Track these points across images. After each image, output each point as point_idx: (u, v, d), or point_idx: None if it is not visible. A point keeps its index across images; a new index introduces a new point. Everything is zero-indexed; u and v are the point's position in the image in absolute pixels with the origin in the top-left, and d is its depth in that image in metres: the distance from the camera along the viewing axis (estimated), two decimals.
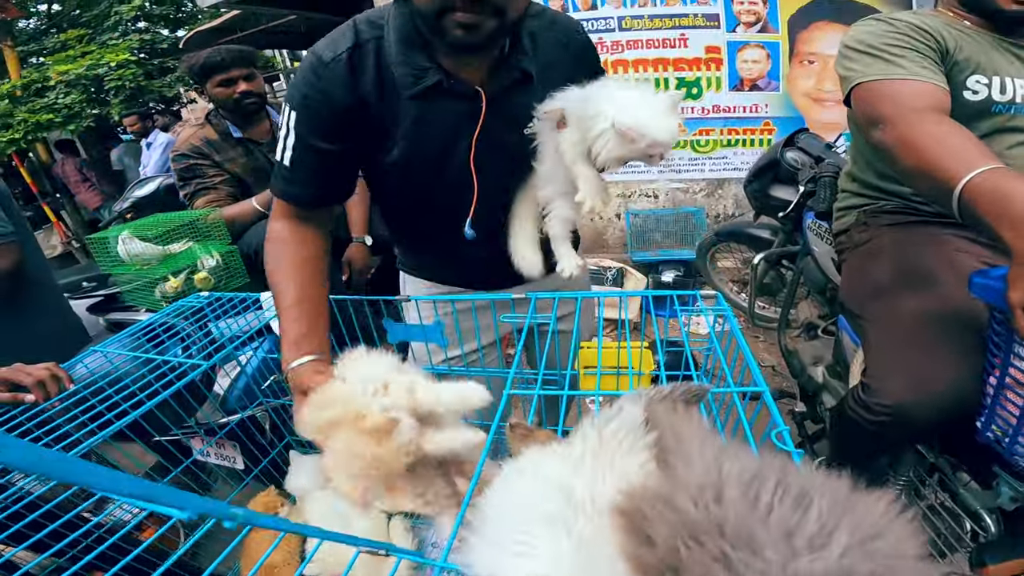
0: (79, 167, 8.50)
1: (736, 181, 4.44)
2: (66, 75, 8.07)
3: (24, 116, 7.84)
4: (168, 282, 2.05)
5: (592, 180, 1.10)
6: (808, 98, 4.23)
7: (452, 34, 0.98)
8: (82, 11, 10.42)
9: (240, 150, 2.46)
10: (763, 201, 2.90)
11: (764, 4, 4.07)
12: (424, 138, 1.16)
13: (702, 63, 4.24)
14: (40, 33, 10.97)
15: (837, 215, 1.89)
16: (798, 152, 2.63)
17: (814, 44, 4.11)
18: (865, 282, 1.64)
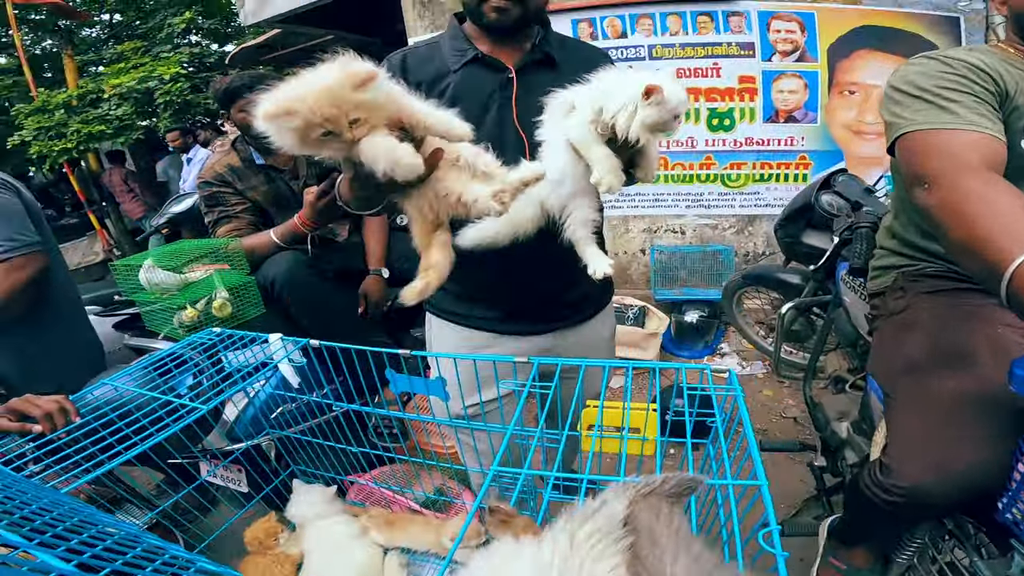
0: (125, 177, 8.79)
1: (768, 218, 4.28)
2: (119, 88, 8.31)
3: (77, 127, 8.09)
4: (185, 311, 2.06)
5: (608, 158, 1.17)
6: (848, 131, 4.05)
7: (488, 16, 1.36)
8: (141, 22, 10.78)
9: (262, 177, 2.47)
10: (794, 248, 2.76)
11: (803, 32, 3.92)
12: (466, 100, 1.38)
13: (735, 93, 4.11)
14: (100, 43, 11.38)
15: (873, 274, 1.77)
16: (834, 196, 2.48)
17: (856, 73, 3.94)
18: (896, 356, 1.52)
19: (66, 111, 8.22)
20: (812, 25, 3.89)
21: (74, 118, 8.14)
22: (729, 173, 4.29)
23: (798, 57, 3.97)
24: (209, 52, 9.98)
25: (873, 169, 3.93)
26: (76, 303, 2.31)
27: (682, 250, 4.36)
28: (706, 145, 4.25)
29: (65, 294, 2.25)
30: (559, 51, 1.46)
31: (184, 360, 1.40)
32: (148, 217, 8.42)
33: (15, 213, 2.04)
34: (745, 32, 3.98)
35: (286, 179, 2.50)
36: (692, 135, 4.24)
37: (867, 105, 3.95)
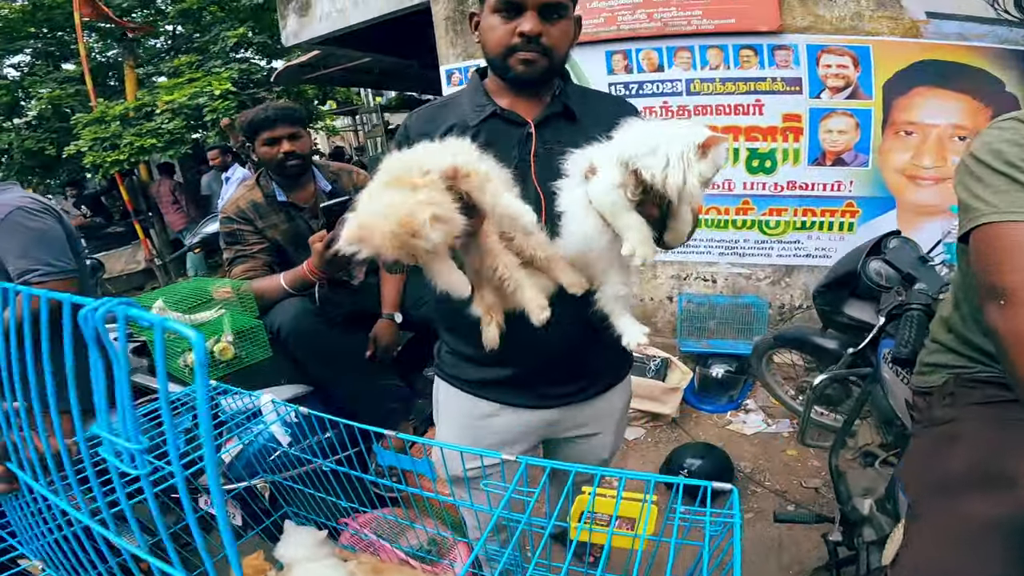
0: (173, 189, 9.01)
1: (807, 269, 3.99)
2: (171, 103, 8.50)
3: (130, 139, 8.30)
4: (189, 354, 2.10)
5: (641, 227, 1.12)
6: (902, 175, 3.73)
7: (515, 69, 1.37)
8: (199, 35, 11.11)
9: (283, 216, 2.49)
10: (832, 318, 2.56)
11: (856, 67, 3.62)
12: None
13: (778, 132, 3.83)
14: (163, 53, 11.76)
15: (921, 369, 1.56)
16: (883, 265, 2.26)
17: (913, 112, 3.62)
18: (931, 471, 1.32)
19: (121, 123, 8.43)
20: (867, 59, 3.60)
21: (128, 130, 8.36)
22: (768, 219, 4.01)
23: (850, 94, 3.68)
24: (257, 68, 10.16)
25: (928, 220, 3.71)
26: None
27: (712, 300, 4.12)
28: (744, 188, 3.99)
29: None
30: (579, 104, 1.46)
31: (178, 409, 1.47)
32: (189, 229, 8.58)
33: (56, 239, 2.18)
34: (792, 67, 3.71)
35: (306, 217, 2.52)
36: (730, 177, 3.98)
37: (925, 147, 3.63)
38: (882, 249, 2.34)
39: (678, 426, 3.66)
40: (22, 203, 2.17)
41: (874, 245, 2.36)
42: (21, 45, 10.70)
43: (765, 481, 3.13)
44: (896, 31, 3.52)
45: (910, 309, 1.90)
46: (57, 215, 2.26)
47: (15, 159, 9.69)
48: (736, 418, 3.71)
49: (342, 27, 5.40)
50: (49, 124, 9.74)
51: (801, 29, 3.63)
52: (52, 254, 2.14)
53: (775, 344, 3.47)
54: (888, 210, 3.79)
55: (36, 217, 2.18)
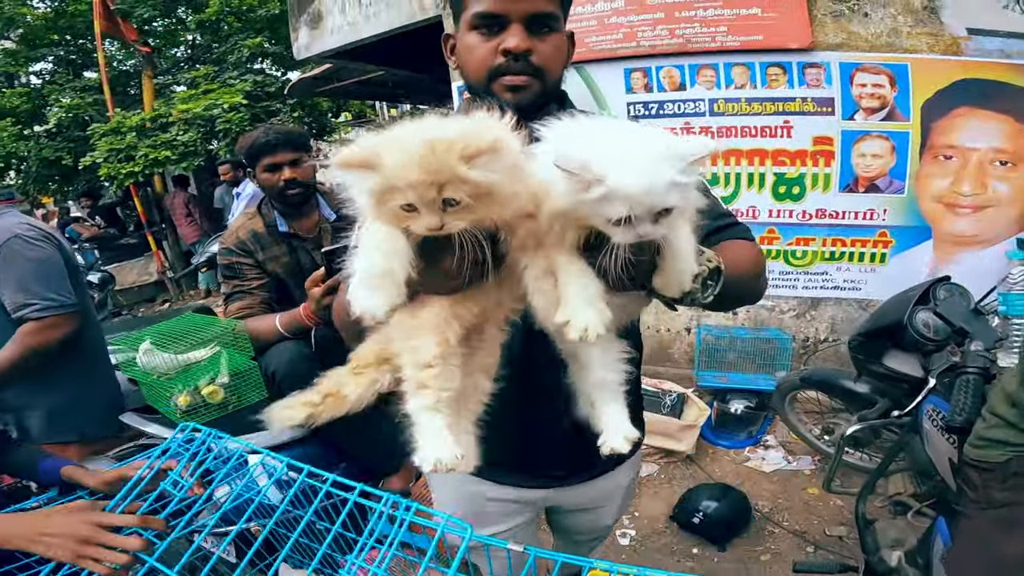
0: (187, 201, 9.01)
1: (834, 302, 3.79)
2: (186, 114, 8.49)
3: (145, 151, 8.30)
4: (180, 396, 2.10)
5: (582, 281, 0.87)
6: (939, 203, 3.51)
7: (502, 97, 1.15)
8: (218, 45, 11.18)
9: (284, 247, 2.42)
10: (872, 369, 2.35)
11: (893, 87, 3.42)
12: None
13: (808, 156, 3.62)
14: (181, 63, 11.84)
15: (978, 443, 1.48)
16: (933, 317, 2.06)
17: (953, 135, 3.41)
18: (984, 557, 1.35)
19: (137, 134, 8.43)
20: (905, 78, 3.39)
21: (143, 141, 8.35)
22: (794, 249, 3.80)
23: (886, 115, 3.47)
24: (272, 80, 10.15)
25: (965, 251, 3.53)
26: (102, 356, 2.42)
27: (732, 333, 3.95)
28: (770, 216, 3.78)
29: (93, 348, 2.35)
30: None
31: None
32: (202, 242, 8.54)
33: (54, 269, 2.12)
34: (824, 86, 3.50)
35: (309, 248, 2.44)
36: (754, 204, 3.77)
37: (964, 173, 3.43)
38: (931, 298, 2.13)
39: (693, 462, 3.57)
40: (19, 230, 2.09)
41: (922, 294, 2.14)
42: (43, 53, 10.85)
43: (784, 521, 3.04)
44: (936, 48, 3.33)
45: (966, 373, 1.74)
46: (56, 243, 2.18)
47: (32, 168, 9.73)
48: (755, 454, 3.62)
49: (353, 40, 5.31)
50: (68, 133, 9.81)
51: (834, 46, 3.44)
52: (51, 287, 2.08)
53: (801, 385, 3.31)
54: (923, 240, 3.58)
55: (34, 246, 2.10)
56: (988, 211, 3.44)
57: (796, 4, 3.39)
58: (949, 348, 1.97)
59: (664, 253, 0.88)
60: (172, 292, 9.21)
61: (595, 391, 1.02)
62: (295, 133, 2.45)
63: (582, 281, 0.87)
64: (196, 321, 2.36)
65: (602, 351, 1.00)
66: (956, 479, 1.73)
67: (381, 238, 0.84)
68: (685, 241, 0.90)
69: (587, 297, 0.86)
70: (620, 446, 0.98)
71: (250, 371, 2.20)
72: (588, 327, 0.84)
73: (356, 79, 7.88)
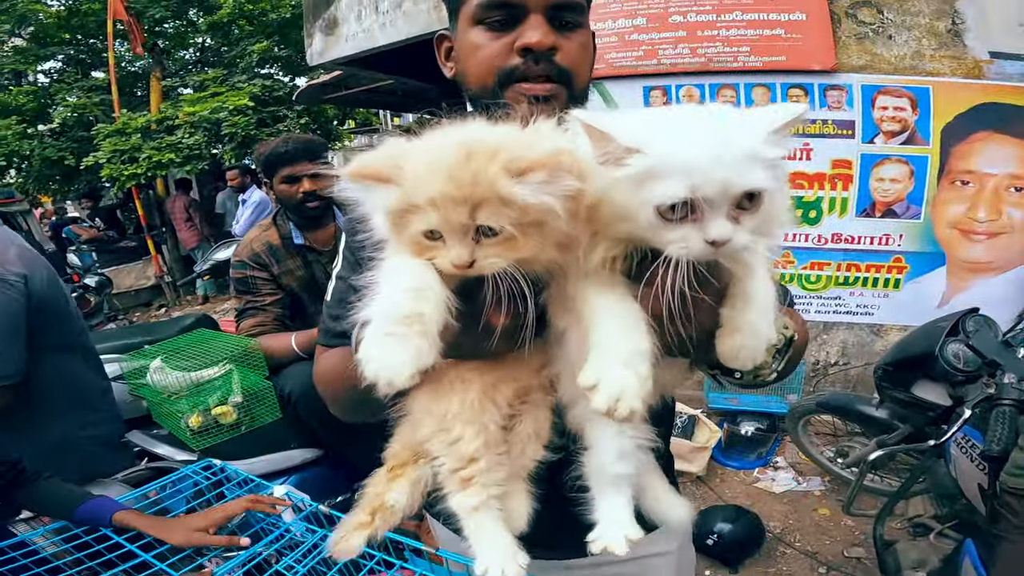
0: (188, 205, 8.93)
1: (846, 326, 3.75)
2: (192, 116, 8.45)
3: (149, 153, 8.24)
4: (191, 417, 2.05)
5: (618, 320, 0.62)
6: (955, 230, 3.49)
7: (519, 111, 0.76)
8: (227, 48, 11.16)
9: (299, 261, 2.36)
10: (896, 397, 2.33)
11: (914, 110, 3.41)
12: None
13: (826, 180, 3.59)
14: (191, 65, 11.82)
15: (1015, 471, 1.60)
16: (964, 348, 2.05)
17: (972, 160, 3.40)
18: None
19: (142, 136, 8.37)
20: (926, 102, 3.38)
21: (148, 143, 8.29)
22: (808, 274, 3.77)
23: (906, 139, 3.45)
24: (280, 84, 10.13)
25: (979, 278, 3.53)
26: (99, 390, 2.03)
27: None
28: (785, 240, 3.68)
29: (88, 383, 1.97)
30: None
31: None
32: (201, 247, 8.47)
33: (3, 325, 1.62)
34: (845, 108, 3.49)
35: (324, 262, 2.37)
36: None
37: (980, 198, 3.42)
38: (961, 330, 2.12)
39: (704, 483, 3.55)
40: None
41: (953, 325, 2.14)
42: (53, 51, 10.80)
43: (795, 542, 3.02)
44: (958, 71, 3.33)
45: (1002, 404, 1.77)
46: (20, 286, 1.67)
47: (34, 167, 9.65)
48: (764, 475, 3.60)
49: (368, 48, 5.28)
50: (72, 133, 9.75)
51: (856, 68, 3.43)
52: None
53: (816, 410, 3.27)
54: (937, 267, 3.57)
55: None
56: (1002, 238, 3.44)
57: (821, 26, 3.38)
58: (984, 380, 1.94)
59: (735, 295, 0.64)
60: (169, 297, 9.12)
61: (595, 478, 0.81)
62: (315, 143, 2.41)
63: (623, 323, 0.62)
64: (207, 337, 2.32)
65: (617, 433, 0.77)
66: (987, 503, 1.80)
67: (407, 272, 0.64)
68: (764, 287, 0.65)
69: (628, 351, 0.61)
70: (617, 546, 0.76)
71: (264, 391, 2.14)
72: (622, 397, 0.60)
73: (365, 87, 7.86)
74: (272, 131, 8.46)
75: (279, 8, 10.81)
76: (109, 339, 3.40)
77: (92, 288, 6.58)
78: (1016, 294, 3.39)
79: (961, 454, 2.02)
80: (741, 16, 3.47)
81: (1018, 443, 1.60)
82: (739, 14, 3.47)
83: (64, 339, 1.86)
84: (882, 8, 3.36)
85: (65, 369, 1.86)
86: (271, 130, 8.51)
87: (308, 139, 2.42)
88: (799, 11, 3.40)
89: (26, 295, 1.68)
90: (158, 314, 8.72)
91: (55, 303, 1.81)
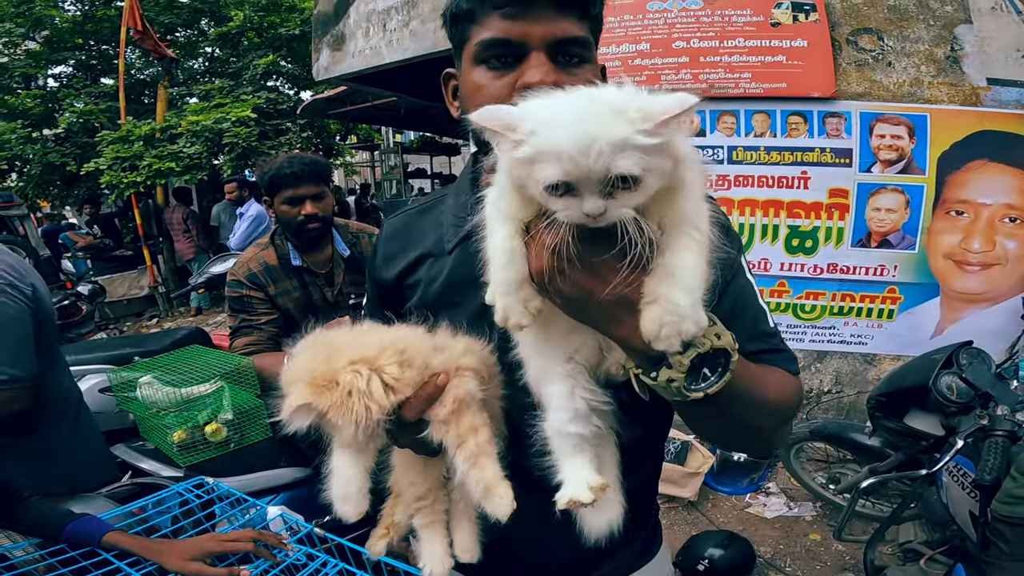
0: (186, 217, 8.90)
1: (840, 355, 3.75)
2: (195, 125, 8.48)
3: (150, 161, 8.26)
4: (176, 432, 2.04)
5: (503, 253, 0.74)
6: (949, 260, 3.51)
7: None
8: (235, 60, 11.24)
9: (296, 282, 2.37)
10: (888, 426, 2.43)
11: (911, 139, 3.44)
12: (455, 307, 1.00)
13: (823, 209, 3.60)
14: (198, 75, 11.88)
15: (1007, 499, 1.70)
16: (957, 380, 2.15)
17: (967, 189, 3.44)
18: None
19: (145, 143, 8.38)
20: (923, 129, 3.42)
21: (150, 151, 8.30)
22: (803, 303, 3.77)
23: (903, 168, 3.48)
24: (284, 98, 10.18)
25: (972, 309, 3.55)
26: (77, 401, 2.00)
27: None
28: (781, 269, 3.75)
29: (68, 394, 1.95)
30: None
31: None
32: (198, 259, 8.45)
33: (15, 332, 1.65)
34: (843, 136, 3.52)
35: (320, 284, 2.41)
36: (766, 256, 3.74)
37: (975, 228, 3.45)
38: (955, 363, 2.21)
39: (695, 508, 3.56)
40: None
41: (948, 358, 2.23)
42: (65, 56, 10.82)
43: (787, 567, 3.04)
44: (956, 99, 3.37)
45: (995, 435, 1.86)
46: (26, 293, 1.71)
47: (34, 171, 9.64)
48: (756, 501, 3.62)
49: (375, 65, 5.33)
50: (76, 139, 9.76)
51: (856, 96, 3.46)
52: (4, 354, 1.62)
53: (810, 437, 3.30)
54: (931, 297, 3.59)
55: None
56: (995, 269, 3.46)
57: (822, 53, 3.43)
58: (977, 411, 2.04)
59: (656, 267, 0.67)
60: (161, 307, 9.05)
61: (555, 441, 0.83)
62: (320, 164, 2.39)
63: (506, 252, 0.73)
64: (199, 353, 2.31)
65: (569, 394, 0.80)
66: (978, 530, 1.91)
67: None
68: (685, 266, 0.67)
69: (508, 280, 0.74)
70: (583, 496, 0.77)
71: (256, 409, 2.13)
72: (508, 317, 0.75)
73: (369, 103, 7.92)
74: (274, 143, 8.50)
75: (288, 23, 10.92)
76: (96, 349, 3.40)
77: (85, 296, 6.52)
78: (1008, 325, 3.40)
79: (952, 482, 2.13)
80: (743, 43, 3.52)
81: (1010, 473, 1.70)
82: (741, 40, 3.52)
83: (52, 350, 1.86)
84: (882, 35, 3.41)
85: (52, 380, 1.85)
86: (273, 143, 8.54)
87: (313, 160, 2.39)
88: (801, 38, 3.45)
89: (35, 304, 1.73)
90: (149, 324, 8.65)
91: (50, 315, 1.84)
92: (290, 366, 0.87)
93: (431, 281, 1.04)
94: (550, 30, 0.89)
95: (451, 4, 0.96)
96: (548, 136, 0.61)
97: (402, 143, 12.86)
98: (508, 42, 0.89)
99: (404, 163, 12.34)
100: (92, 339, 5.77)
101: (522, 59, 0.90)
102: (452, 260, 1.02)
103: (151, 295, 9.15)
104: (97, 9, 10.51)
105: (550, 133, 0.61)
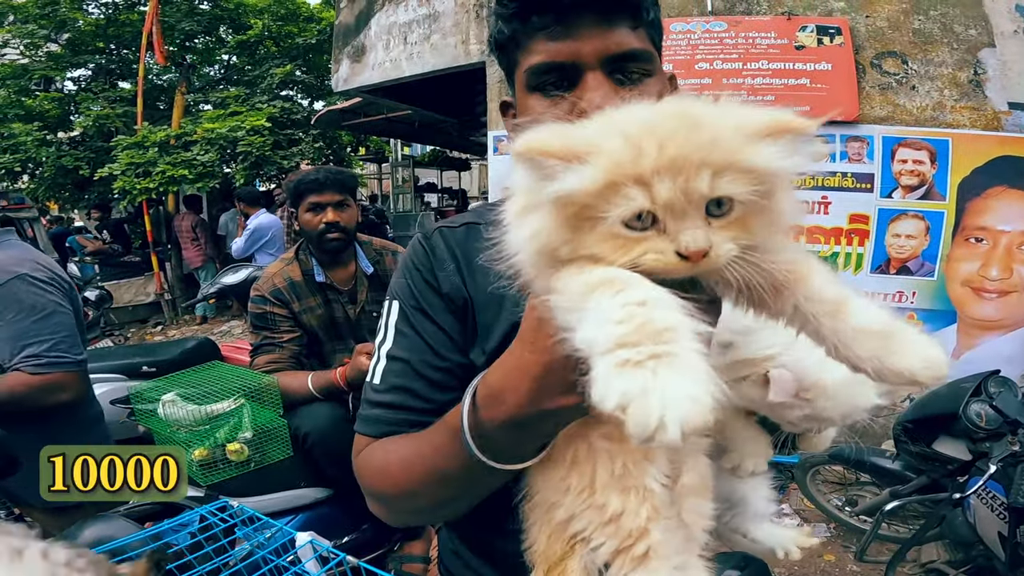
0: (195, 225, 8.90)
1: None
2: (210, 133, 8.51)
3: (163, 167, 8.27)
4: (196, 450, 2.01)
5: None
6: (967, 287, 3.48)
7: None
8: (251, 68, 11.29)
9: (319, 299, 2.34)
10: (915, 453, 2.49)
11: (932, 164, 3.42)
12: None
13: (843, 235, 3.58)
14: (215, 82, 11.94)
15: None
16: (987, 408, 2.21)
17: (986, 215, 3.43)
18: None
19: (159, 150, 8.41)
20: (945, 154, 3.41)
21: (164, 158, 8.32)
22: None
23: (924, 194, 3.47)
24: (298, 108, 10.21)
25: (988, 336, 3.51)
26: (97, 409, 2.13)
27: None
28: None
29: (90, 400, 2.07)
30: None
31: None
32: (206, 267, 8.43)
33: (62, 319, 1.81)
34: (865, 161, 3.51)
35: (343, 301, 2.37)
36: None
37: (994, 255, 3.43)
38: (984, 391, 2.27)
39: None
40: (24, 269, 1.78)
41: (977, 387, 2.29)
42: (85, 59, 10.82)
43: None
44: (977, 123, 3.36)
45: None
46: (66, 285, 1.88)
47: (47, 174, 9.65)
48: None
49: (394, 78, 5.36)
50: (90, 143, 9.76)
51: (879, 120, 3.46)
52: (54, 339, 1.75)
53: (828, 461, 3.28)
54: (949, 324, 3.55)
55: (40, 290, 1.78)
56: (1012, 296, 3.44)
57: (847, 76, 3.43)
58: (1008, 438, 2.10)
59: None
60: (167, 315, 9.01)
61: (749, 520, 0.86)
62: (346, 175, 2.40)
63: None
64: (221, 370, 2.29)
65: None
66: (1007, 550, 1.98)
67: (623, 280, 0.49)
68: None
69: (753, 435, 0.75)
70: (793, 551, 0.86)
71: (278, 428, 2.10)
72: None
73: (383, 115, 7.94)
74: (287, 153, 8.50)
75: (305, 32, 10.97)
76: (107, 358, 3.37)
77: (92, 302, 6.48)
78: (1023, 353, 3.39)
79: (981, 504, 2.15)
80: (767, 65, 3.52)
81: None
82: (765, 63, 3.52)
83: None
84: (907, 58, 3.41)
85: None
86: (285, 152, 8.55)
87: (338, 170, 2.41)
88: (825, 61, 3.45)
89: (68, 296, 1.88)
90: (154, 331, 8.60)
91: (80, 309, 1.99)
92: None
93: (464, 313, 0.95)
94: (602, 45, 0.81)
95: (493, 31, 0.89)
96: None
97: (412, 156, 12.86)
98: (559, 65, 0.82)
99: (415, 177, 12.35)
100: (100, 347, 5.72)
101: (578, 82, 0.82)
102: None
103: (156, 302, 9.11)
104: (120, 13, 10.53)
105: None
